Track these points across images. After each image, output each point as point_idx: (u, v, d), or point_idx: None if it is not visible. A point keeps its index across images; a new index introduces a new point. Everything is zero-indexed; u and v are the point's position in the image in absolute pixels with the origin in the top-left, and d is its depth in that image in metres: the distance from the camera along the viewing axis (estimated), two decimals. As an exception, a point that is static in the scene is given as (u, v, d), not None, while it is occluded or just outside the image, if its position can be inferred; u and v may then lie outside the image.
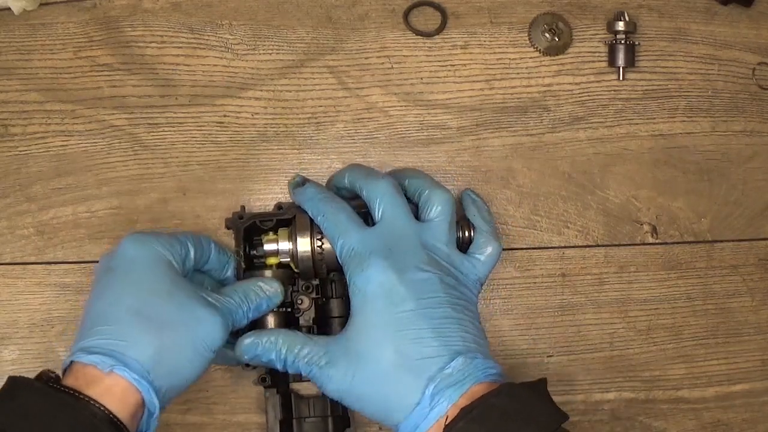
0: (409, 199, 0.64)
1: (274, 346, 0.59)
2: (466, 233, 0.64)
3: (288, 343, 0.59)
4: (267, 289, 0.62)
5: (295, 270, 0.65)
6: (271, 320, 0.64)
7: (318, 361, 0.57)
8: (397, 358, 0.56)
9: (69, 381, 0.54)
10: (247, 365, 0.62)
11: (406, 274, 0.58)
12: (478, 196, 0.68)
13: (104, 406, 0.52)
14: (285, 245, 0.64)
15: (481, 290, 0.64)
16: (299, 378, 0.66)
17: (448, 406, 0.54)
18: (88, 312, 0.58)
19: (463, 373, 0.55)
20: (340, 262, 0.61)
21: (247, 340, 0.60)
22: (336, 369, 0.57)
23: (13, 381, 0.54)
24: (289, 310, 0.64)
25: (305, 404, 0.65)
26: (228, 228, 0.66)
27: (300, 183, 0.67)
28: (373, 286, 0.58)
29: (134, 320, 0.56)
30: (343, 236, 0.60)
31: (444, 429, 0.53)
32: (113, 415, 0.52)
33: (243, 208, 0.67)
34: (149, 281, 0.58)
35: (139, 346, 0.55)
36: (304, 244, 0.64)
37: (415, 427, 0.55)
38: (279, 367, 0.59)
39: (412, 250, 0.59)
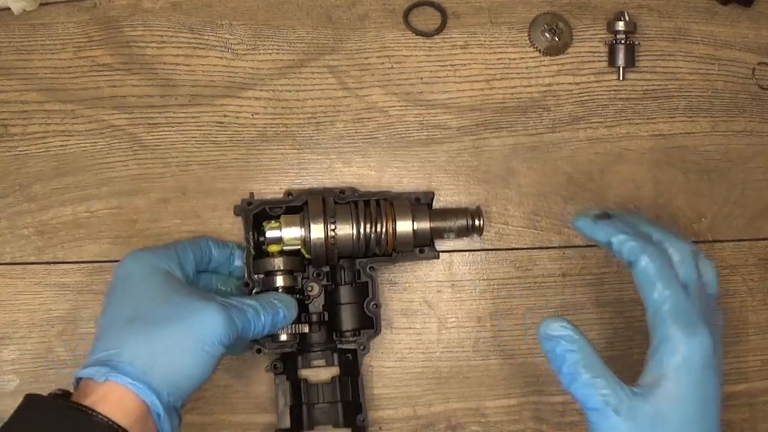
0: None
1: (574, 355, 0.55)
2: (475, 222, 0.66)
3: (589, 366, 0.55)
4: (282, 299, 0.62)
5: (307, 256, 0.65)
6: None
7: (613, 404, 0.54)
8: None
9: (75, 396, 0.55)
10: (259, 351, 0.62)
11: (716, 350, 0.56)
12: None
13: (103, 415, 0.52)
14: (297, 231, 0.64)
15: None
16: (308, 365, 0.66)
17: None
18: (96, 331, 0.59)
19: None
20: (653, 314, 0.57)
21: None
22: (630, 424, 0.54)
23: (29, 398, 0.55)
24: (300, 296, 0.65)
25: (315, 390, 0.65)
26: (236, 215, 0.66)
27: (603, 216, 0.61)
28: (700, 356, 0.55)
29: (129, 327, 0.56)
30: (670, 287, 0.56)
31: None
32: (113, 422, 0.52)
33: (252, 195, 0.67)
34: (146, 290, 0.59)
35: (132, 349, 0.55)
36: (317, 231, 0.64)
37: None
38: (572, 388, 0.55)
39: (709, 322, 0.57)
